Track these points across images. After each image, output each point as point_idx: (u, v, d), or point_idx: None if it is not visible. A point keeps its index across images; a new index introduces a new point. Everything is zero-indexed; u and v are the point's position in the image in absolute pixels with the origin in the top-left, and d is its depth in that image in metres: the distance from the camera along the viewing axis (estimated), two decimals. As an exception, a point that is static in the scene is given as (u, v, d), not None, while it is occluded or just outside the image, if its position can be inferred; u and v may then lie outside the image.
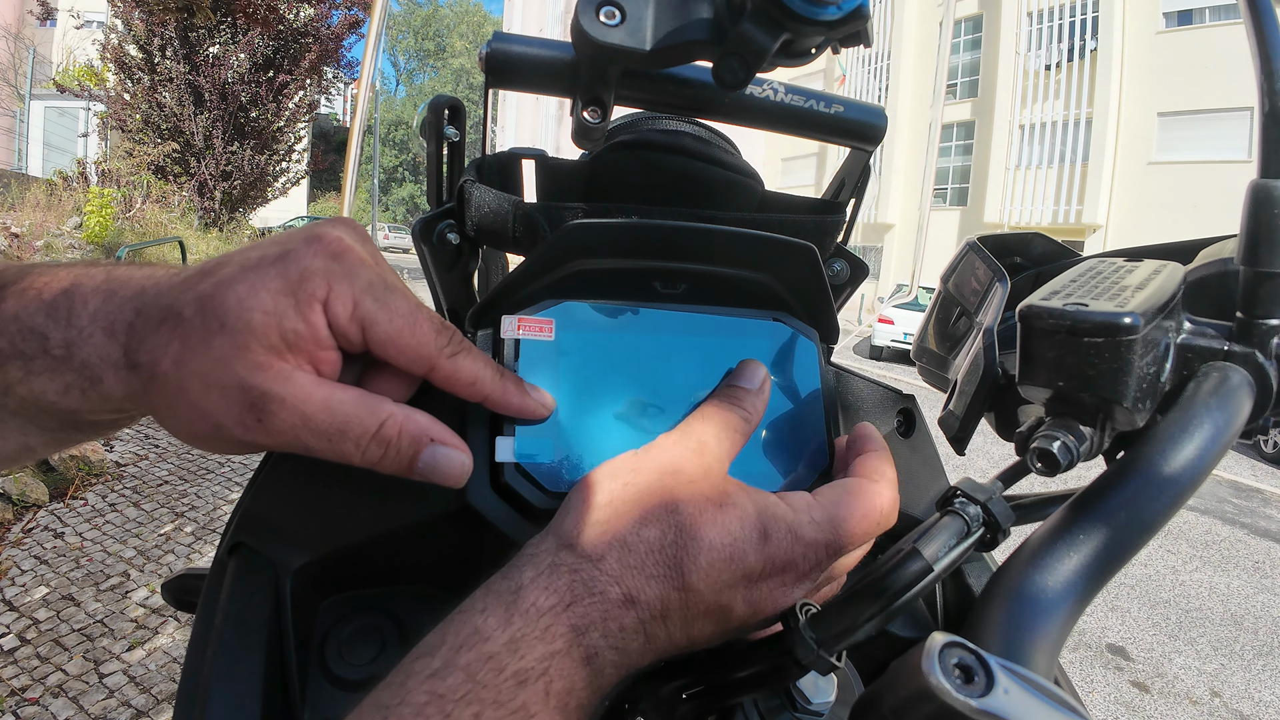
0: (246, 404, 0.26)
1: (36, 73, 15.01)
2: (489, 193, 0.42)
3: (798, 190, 1.10)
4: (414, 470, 0.29)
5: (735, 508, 0.29)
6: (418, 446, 0.29)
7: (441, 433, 0.30)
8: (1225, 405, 0.29)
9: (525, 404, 0.33)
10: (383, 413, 0.28)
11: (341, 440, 0.27)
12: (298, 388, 0.26)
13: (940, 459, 0.51)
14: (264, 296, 0.26)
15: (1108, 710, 2.76)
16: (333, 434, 0.27)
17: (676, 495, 0.29)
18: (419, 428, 0.29)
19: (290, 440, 0.27)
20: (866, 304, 18.60)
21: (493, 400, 0.32)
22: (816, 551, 0.30)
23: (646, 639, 0.27)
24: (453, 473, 0.30)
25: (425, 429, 0.29)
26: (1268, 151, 0.29)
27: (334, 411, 0.27)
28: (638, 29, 0.31)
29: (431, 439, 0.29)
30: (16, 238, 6.55)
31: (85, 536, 3.11)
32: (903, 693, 0.21)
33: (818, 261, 0.39)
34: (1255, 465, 7.06)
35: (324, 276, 0.27)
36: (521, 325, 0.36)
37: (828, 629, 0.29)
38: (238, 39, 10.93)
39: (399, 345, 0.29)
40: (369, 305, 0.28)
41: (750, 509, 0.29)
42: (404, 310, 0.29)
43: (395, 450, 0.29)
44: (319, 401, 0.27)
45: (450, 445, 0.30)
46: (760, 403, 0.35)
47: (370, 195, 16.95)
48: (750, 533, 0.29)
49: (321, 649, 0.36)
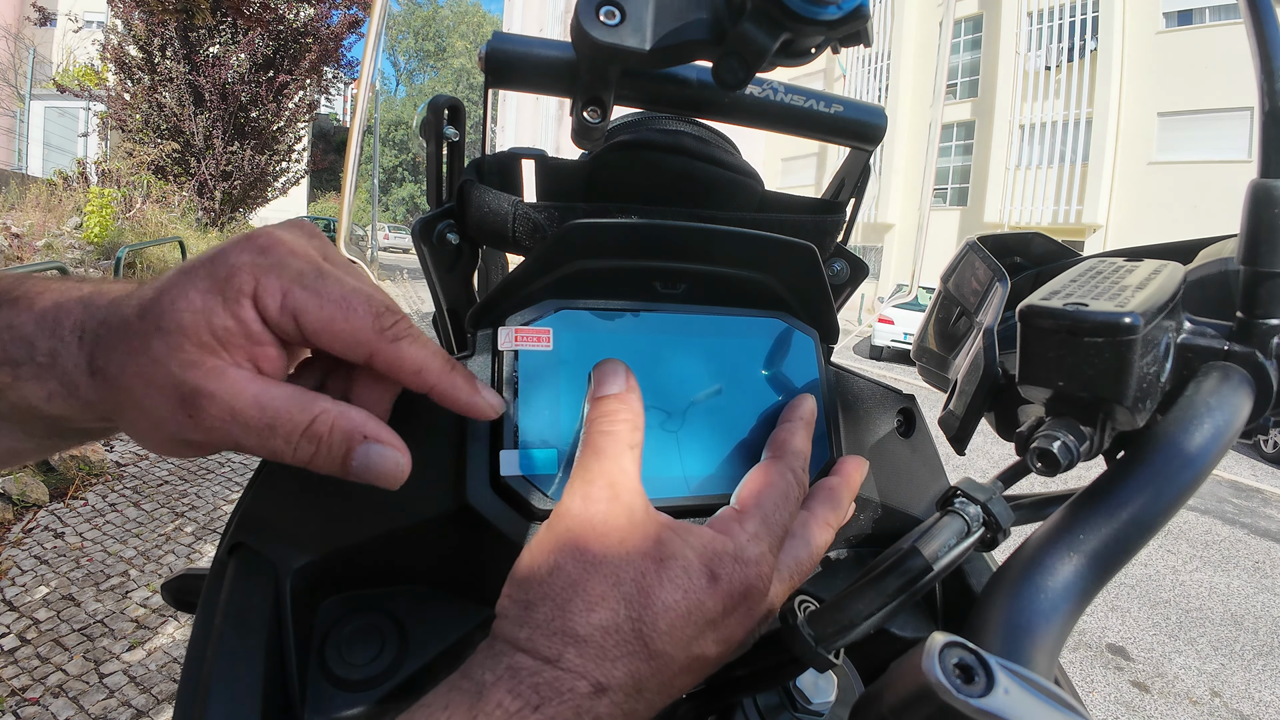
0: (179, 400, 0.26)
1: (36, 73, 15.01)
2: (489, 193, 0.42)
3: (798, 190, 1.10)
4: (348, 469, 0.28)
5: (676, 560, 0.28)
6: (350, 444, 0.28)
7: (376, 430, 0.29)
8: (1225, 405, 0.29)
9: (474, 402, 0.31)
10: (315, 409, 0.27)
11: (271, 436, 0.27)
12: (229, 384, 0.26)
13: (940, 459, 0.51)
14: (193, 296, 0.26)
15: (1108, 710, 2.76)
16: (262, 429, 0.27)
17: (611, 565, 0.27)
18: (352, 424, 0.28)
19: (223, 436, 0.27)
20: (866, 304, 18.59)
21: (439, 392, 0.30)
22: (765, 562, 0.30)
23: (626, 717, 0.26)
24: (386, 471, 0.29)
25: (359, 425, 0.28)
26: (1268, 151, 0.29)
27: (264, 407, 0.27)
28: (638, 29, 0.31)
29: (365, 436, 0.28)
30: (17, 238, 6.55)
31: (85, 536, 3.11)
32: (903, 692, 0.21)
33: (818, 261, 0.39)
34: (1255, 465, 7.06)
35: (250, 271, 0.27)
36: (519, 336, 0.36)
37: (826, 626, 0.29)
38: (238, 39, 10.93)
39: (332, 331, 0.27)
40: (298, 294, 0.27)
41: (691, 555, 0.28)
42: (336, 294, 0.28)
43: (327, 447, 0.28)
44: (249, 397, 0.26)
45: (385, 443, 0.29)
46: (636, 401, 0.32)
47: (370, 195, 16.95)
48: (699, 580, 0.28)
49: (321, 649, 0.36)
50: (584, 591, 0.27)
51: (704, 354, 0.39)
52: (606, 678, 0.26)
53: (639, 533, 0.28)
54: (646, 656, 0.26)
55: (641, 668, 0.26)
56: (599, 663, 0.26)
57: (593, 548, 0.28)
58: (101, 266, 6.72)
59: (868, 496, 0.45)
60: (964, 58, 19.59)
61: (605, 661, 0.26)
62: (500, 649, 0.26)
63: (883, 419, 0.48)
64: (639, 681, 0.26)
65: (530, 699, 0.25)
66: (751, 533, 0.30)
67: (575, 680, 0.25)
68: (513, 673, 0.25)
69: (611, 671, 0.26)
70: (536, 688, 0.25)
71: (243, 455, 2.21)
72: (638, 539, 0.28)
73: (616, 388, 0.32)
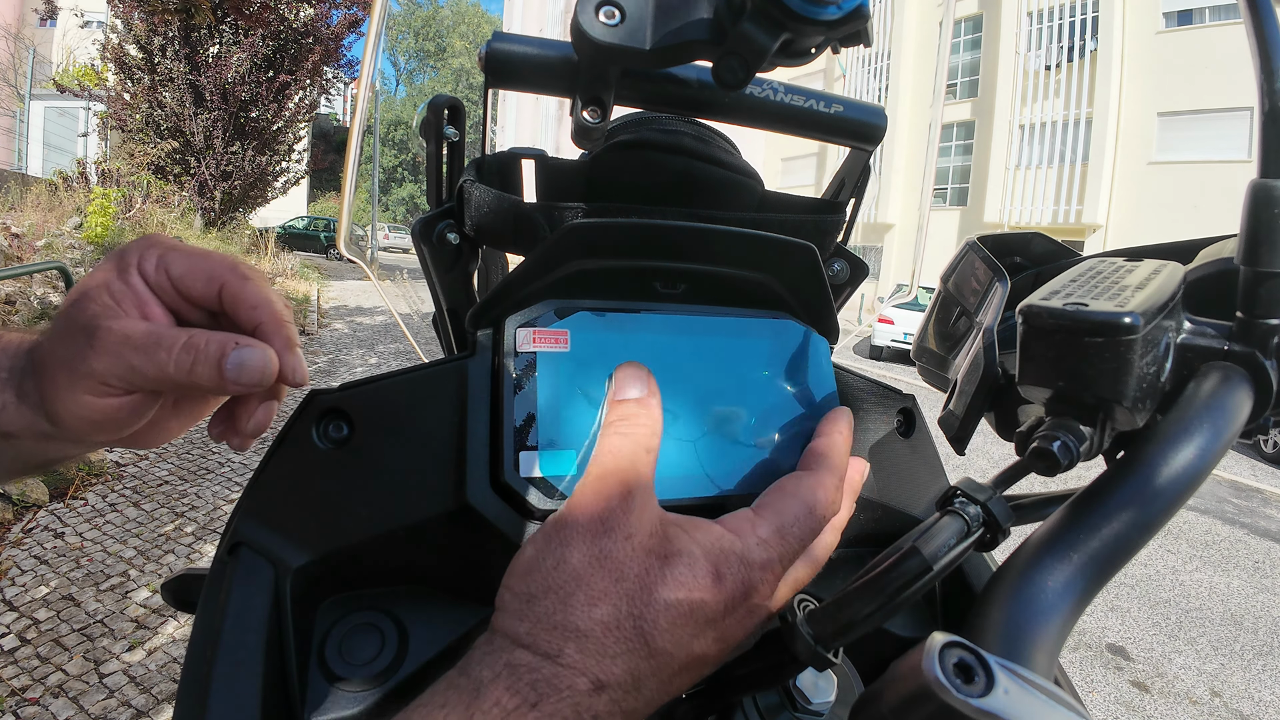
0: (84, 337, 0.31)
1: (36, 73, 15.01)
2: (489, 193, 0.42)
3: (798, 190, 1.10)
4: (224, 373, 0.32)
5: (682, 556, 0.28)
6: (224, 349, 0.32)
7: (245, 339, 0.33)
8: (1225, 405, 0.29)
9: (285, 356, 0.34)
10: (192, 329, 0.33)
11: (157, 350, 0.31)
12: (123, 321, 0.32)
13: (940, 459, 0.51)
14: (96, 274, 0.33)
15: (1108, 710, 2.76)
16: (150, 346, 0.31)
17: (616, 560, 0.27)
18: (225, 336, 0.33)
19: (117, 359, 0.31)
20: (866, 304, 18.59)
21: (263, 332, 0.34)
22: (772, 569, 0.30)
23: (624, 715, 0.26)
24: (256, 366, 0.32)
25: (229, 336, 0.33)
26: (1268, 151, 0.29)
27: (150, 331, 0.32)
28: (638, 29, 0.31)
29: (238, 343, 0.32)
30: (17, 238, 6.55)
31: (85, 536, 3.11)
32: (903, 692, 0.21)
33: (818, 261, 0.39)
34: (1255, 465, 7.06)
35: (136, 249, 0.33)
36: (537, 337, 0.36)
37: (825, 626, 0.29)
38: (239, 39, 10.93)
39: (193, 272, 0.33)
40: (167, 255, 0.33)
41: (697, 552, 0.29)
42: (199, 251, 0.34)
43: (204, 355, 0.32)
44: (140, 327, 0.32)
45: (252, 346, 0.33)
46: (655, 408, 0.33)
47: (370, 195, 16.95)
48: (704, 578, 0.28)
49: (321, 649, 0.36)
50: (587, 586, 0.27)
51: (705, 354, 0.39)
52: (606, 675, 0.26)
53: (646, 530, 0.29)
54: (647, 654, 0.26)
55: (641, 665, 0.26)
56: (599, 659, 0.26)
57: (600, 543, 0.28)
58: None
59: (868, 496, 0.45)
60: (964, 58, 19.59)
61: (605, 658, 0.26)
62: (499, 644, 0.27)
63: (883, 419, 0.48)
64: (638, 679, 0.26)
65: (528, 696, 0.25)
66: (762, 537, 0.30)
67: (574, 677, 0.25)
68: (511, 669, 0.25)
69: (611, 668, 0.26)
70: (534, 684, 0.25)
71: (242, 456, 2.23)
72: (644, 535, 0.28)
73: (637, 392, 0.33)
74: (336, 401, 0.36)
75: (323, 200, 32.00)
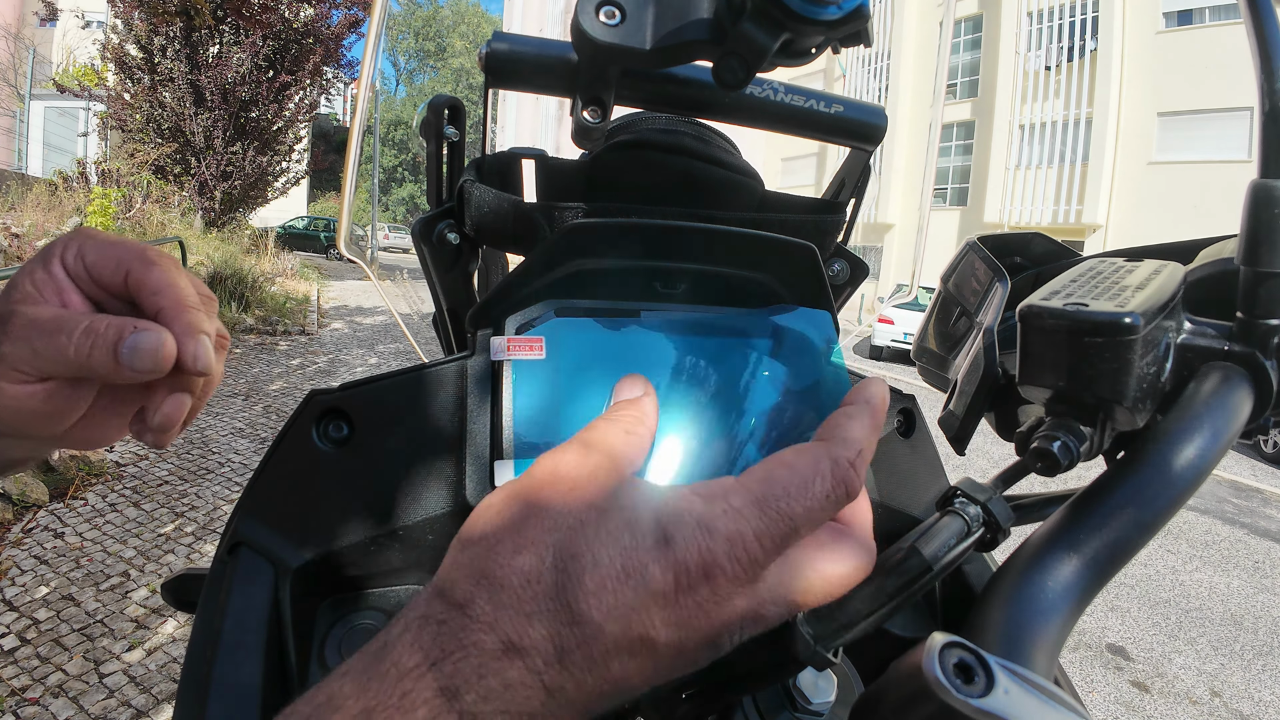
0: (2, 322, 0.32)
1: (36, 73, 15.01)
2: (489, 193, 0.42)
3: (798, 190, 1.10)
4: (119, 356, 0.32)
5: (621, 511, 0.24)
6: (121, 333, 0.32)
7: (144, 324, 0.33)
8: (1225, 405, 0.29)
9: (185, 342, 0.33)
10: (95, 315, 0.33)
11: (58, 333, 0.32)
12: (35, 306, 0.33)
13: (940, 459, 0.51)
14: (25, 266, 0.34)
15: (1108, 710, 2.76)
16: (53, 331, 0.32)
17: (554, 509, 0.25)
18: (123, 320, 0.33)
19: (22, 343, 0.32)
20: (866, 304, 18.60)
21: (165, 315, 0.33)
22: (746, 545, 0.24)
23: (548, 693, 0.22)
24: (149, 350, 0.32)
25: (129, 320, 0.33)
26: (1268, 151, 0.29)
27: (56, 316, 0.33)
28: (638, 29, 0.31)
29: (136, 327, 0.32)
30: (17, 238, 6.55)
31: (85, 536, 3.11)
32: (903, 692, 0.21)
33: (818, 261, 0.39)
34: (1255, 465, 7.06)
35: (60, 243, 0.35)
36: (511, 345, 0.36)
37: (825, 625, 0.29)
38: (240, 40, 10.93)
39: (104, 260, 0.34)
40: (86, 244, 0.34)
41: (644, 509, 0.25)
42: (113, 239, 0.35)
43: (102, 339, 0.32)
44: (48, 313, 0.33)
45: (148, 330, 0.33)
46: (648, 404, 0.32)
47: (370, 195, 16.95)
48: (644, 538, 0.24)
49: (321, 649, 0.36)
50: (517, 532, 0.24)
51: (705, 354, 0.39)
52: (520, 636, 0.22)
53: (595, 483, 0.26)
54: (569, 619, 0.23)
55: (564, 633, 0.23)
56: (512, 616, 0.23)
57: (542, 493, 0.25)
58: (101, 266, 6.72)
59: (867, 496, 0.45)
60: (964, 58, 19.60)
61: (520, 615, 0.23)
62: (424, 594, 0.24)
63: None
64: (562, 650, 0.22)
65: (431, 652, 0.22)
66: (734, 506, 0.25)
67: (481, 633, 0.22)
68: (422, 621, 0.23)
69: (526, 629, 0.22)
70: (438, 639, 0.22)
71: (242, 457, 2.22)
72: (590, 490, 0.25)
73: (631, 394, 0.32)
74: (336, 401, 0.36)
75: (323, 200, 32.00)
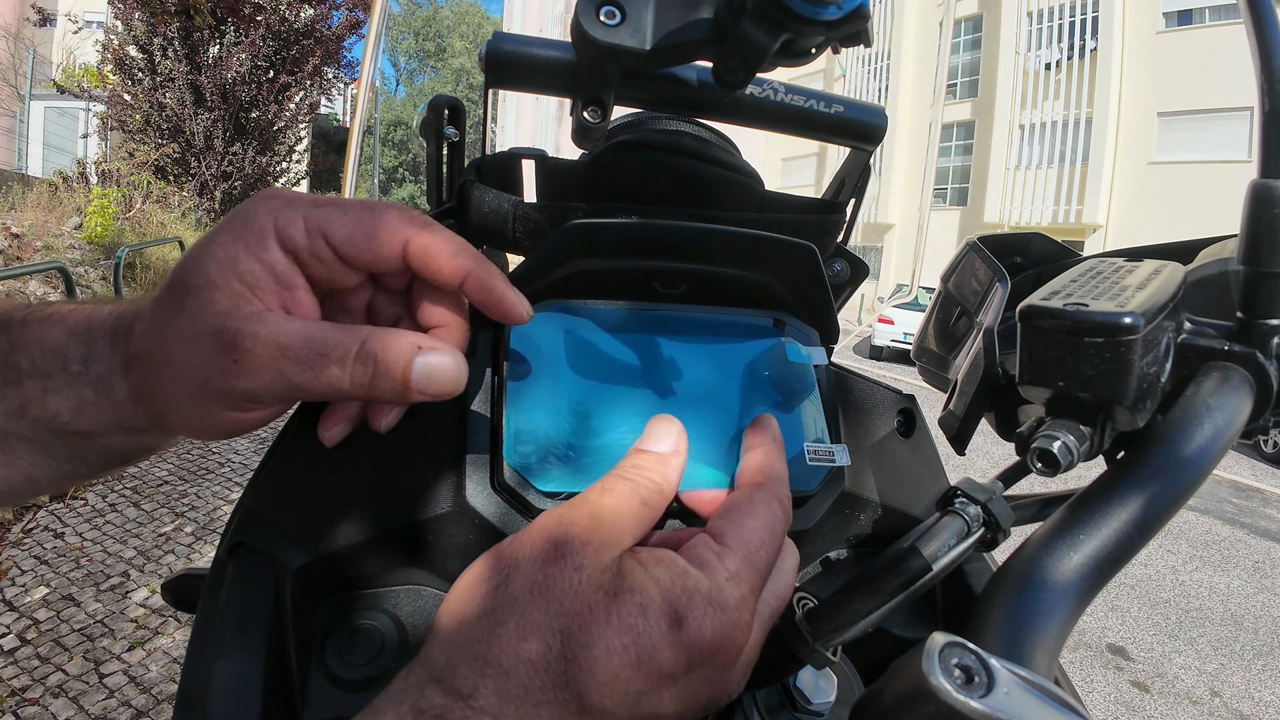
0: (222, 347, 0.25)
1: (36, 73, 15.01)
2: (489, 193, 0.42)
3: (798, 190, 1.10)
4: (410, 385, 0.27)
5: (633, 594, 0.23)
6: (407, 357, 0.27)
7: (429, 340, 0.28)
8: (1225, 405, 0.29)
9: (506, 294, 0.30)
10: (363, 331, 0.27)
11: (325, 364, 0.26)
12: (270, 322, 0.26)
13: (940, 459, 0.51)
14: (215, 251, 0.26)
15: (1108, 710, 2.76)
16: (313, 359, 0.26)
17: (559, 591, 0.23)
18: (404, 338, 0.27)
19: (273, 377, 0.26)
20: (866, 304, 18.60)
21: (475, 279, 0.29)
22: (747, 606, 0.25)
23: None
24: (448, 377, 0.27)
25: (411, 338, 0.27)
26: (1268, 151, 0.29)
27: (311, 338, 0.26)
28: (638, 29, 0.31)
29: (420, 346, 0.27)
30: (17, 238, 6.55)
31: (85, 536, 3.11)
32: (903, 692, 0.21)
33: (818, 261, 0.39)
34: (1255, 465, 7.06)
35: (267, 213, 0.27)
36: None
37: (825, 624, 0.29)
38: (240, 40, 10.93)
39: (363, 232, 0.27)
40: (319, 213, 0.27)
41: (653, 590, 0.24)
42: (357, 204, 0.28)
43: (384, 365, 0.26)
44: (294, 331, 0.26)
45: (441, 350, 0.27)
46: (674, 468, 0.29)
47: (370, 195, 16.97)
48: (658, 622, 0.23)
49: (321, 649, 0.36)
50: (522, 616, 0.23)
51: (705, 354, 0.39)
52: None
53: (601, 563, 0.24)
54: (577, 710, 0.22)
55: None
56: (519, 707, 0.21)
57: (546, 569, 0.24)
58: (101, 266, 6.72)
59: (868, 496, 0.45)
60: (964, 58, 19.59)
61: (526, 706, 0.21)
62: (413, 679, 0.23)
63: (883, 419, 0.48)
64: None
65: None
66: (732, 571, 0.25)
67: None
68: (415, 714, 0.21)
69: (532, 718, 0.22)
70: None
71: (242, 457, 2.22)
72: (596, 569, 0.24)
73: (661, 446, 0.30)
74: None
75: (323, 200, 31.96)
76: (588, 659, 0.22)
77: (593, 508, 0.26)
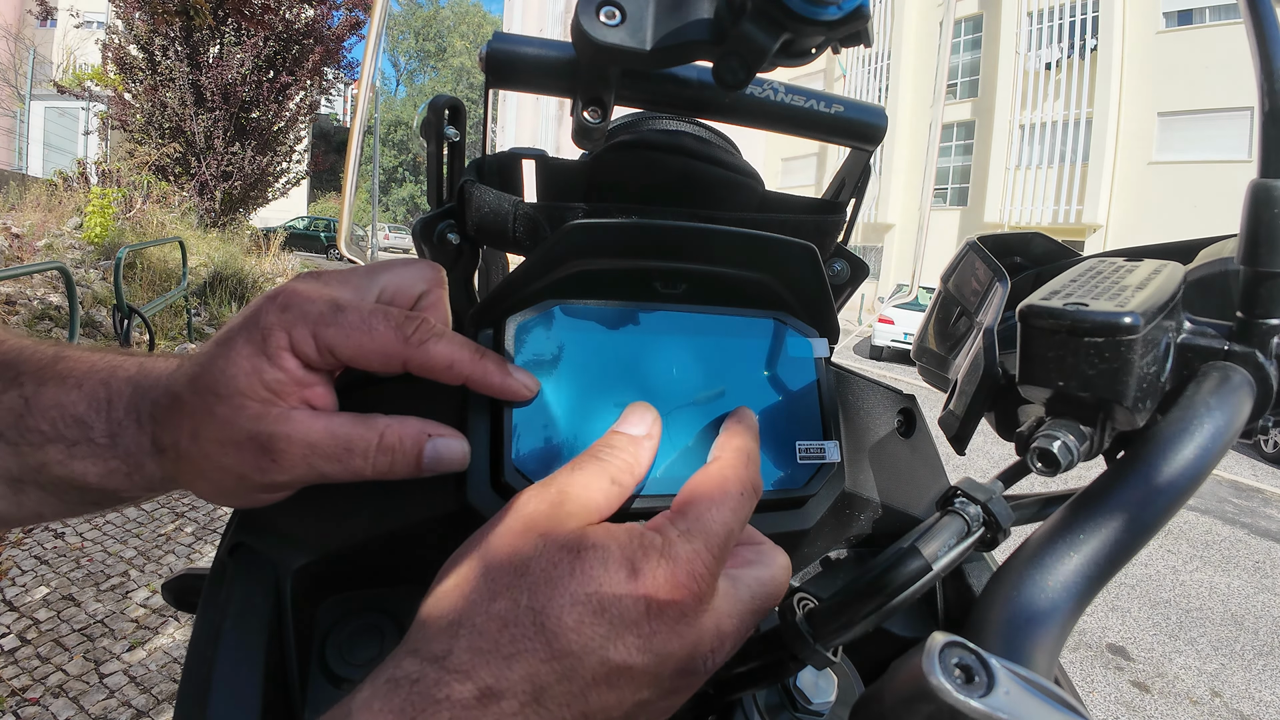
0: (258, 449, 0.29)
1: (36, 73, 15.01)
2: (489, 193, 0.42)
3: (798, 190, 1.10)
4: (422, 466, 0.32)
5: (595, 549, 0.26)
6: (419, 444, 0.31)
7: (436, 427, 0.32)
8: (1225, 405, 0.29)
9: (506, 384, 0.33)
10: (379, 425, 0.31)
11: (350, 458, 0.30)
12: (298, 423, 0.30)
13: (940, 459, 0.51)
14: (240, 361, 0.30)
15: (1108, 710, 2.76)
16: (340, 454, 0.30)
17: (524, 554, 0.25)
18: (415, 428, 0.32)
19: (305, 470, 0.30)
20: (866, 304, 18.59)
21: (474, 381, 0.32)
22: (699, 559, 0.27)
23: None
24: (455, 458, 0.32)
25: (421, 428, 0.32)
26: (1268, 151, 0.29)
27: (335, 434, 0.30)
28: (638, 29, 0.31)
29: (429, 434, 0.32)
30: (17, 238, 6.55)
31: (85, 536, 3.11)
32: (903, 692, 0.21)
33: (818, 261, 0.39)
34: (1255, 465, 7.06)
35: (281, 328, 0.30)
36: None
37: (825, 624, 0.30)
38: (241, 40, 10.93)
39: (364, 352, 0.31)
40: (325, 333, 0.30)
41: (613, 546, 0.26)
42: (356, 322, 0.31)
43: (401, 454, 0.31)
44: (320, 430, 0.30)
45: (447, 436, 0.32)
46: (645, 450, 0.32)
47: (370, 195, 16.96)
48: (616, 572, 0.25)
49: (322, 649, 0.36)
50: (491, 580, 0.25)
51: (705, 354, 0.39)
52: (499, 679, 0.23)
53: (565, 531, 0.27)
54: (548, 655, 0.23)
55: (542, 670, 0.23)
56: (491, 660, 0.23)
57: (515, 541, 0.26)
58: (101, 266, 6.72)
59: (868, 496, 0.45)
60: (964, 58, 19.59)
61: (497, 659, 0.23)
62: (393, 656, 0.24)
63: (883, 419, 0.48)
64: (539, 687, 0.23)
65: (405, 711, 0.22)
66: (682, 529, 0.27)
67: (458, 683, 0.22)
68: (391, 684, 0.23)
69: (504, 672, 0.23)
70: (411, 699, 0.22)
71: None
72: (561, 534, 0.26)
73: (635, 430, 0.32)
74: None
75: (323, 200, 32.01)
76: (555, 607, 0.24)
77: (562, 484, 0.29)
